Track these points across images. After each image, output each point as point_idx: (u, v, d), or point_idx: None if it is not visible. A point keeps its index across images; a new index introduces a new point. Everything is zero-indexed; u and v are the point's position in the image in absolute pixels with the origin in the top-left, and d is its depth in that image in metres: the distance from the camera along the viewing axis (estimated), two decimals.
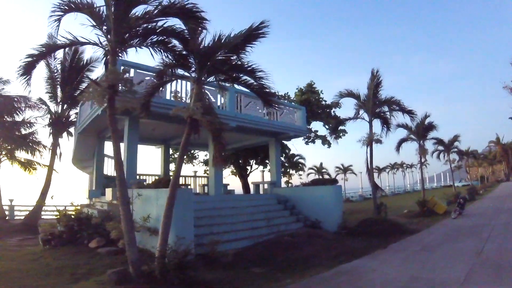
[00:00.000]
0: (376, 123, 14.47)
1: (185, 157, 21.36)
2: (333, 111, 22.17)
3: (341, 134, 22.53)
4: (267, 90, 7.68)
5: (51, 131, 19.60)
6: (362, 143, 13.59)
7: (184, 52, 7.45)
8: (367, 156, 13.67)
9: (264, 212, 11.76)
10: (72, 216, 10.44)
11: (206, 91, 11.32)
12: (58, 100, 19.41)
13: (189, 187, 15.98)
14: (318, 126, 46.75)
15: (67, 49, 18.97)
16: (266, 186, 14.48)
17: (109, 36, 6.77)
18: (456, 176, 51.86)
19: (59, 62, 19.14)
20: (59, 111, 19.56)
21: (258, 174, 21.61)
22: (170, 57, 7.54)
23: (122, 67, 10.57)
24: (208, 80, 7.51)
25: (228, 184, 16.53)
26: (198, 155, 22.00)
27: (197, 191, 15.91)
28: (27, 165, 20.64)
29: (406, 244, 9.40)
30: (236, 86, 8.37)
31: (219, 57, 7.30)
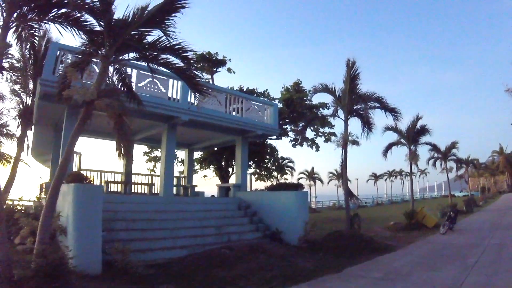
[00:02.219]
0: (357, 123, 12.98)
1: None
2: (320, 112, 20.87)
3: (328, 137, 21.20)
4: (192, 73, 6.47)
5: (19, 123, 18.80)
6: (337, 145, 12.17)
7: (97, 28, 6.45)
8: (342, 159, 12.22)
9: (218, 218, 10.51)
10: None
11: (156, 80, 10.24)
12: (29, 92, 18.62)
13: (153, 187, 14.83)
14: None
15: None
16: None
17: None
18: (457, 186, 49.66)
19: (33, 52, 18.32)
20: (29, 103, 18.74)
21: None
22: (81, 34, 6.53)
23: (58, 51, 9.80)
24: (119, 58, 6.38)
25: (196, 186, 15.32)
26: (177, 156, 20.70)
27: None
28: (0, 157, 19.97)
29: (368, 267, 7.69)
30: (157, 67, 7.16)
31: (134, 33, 6.19)
